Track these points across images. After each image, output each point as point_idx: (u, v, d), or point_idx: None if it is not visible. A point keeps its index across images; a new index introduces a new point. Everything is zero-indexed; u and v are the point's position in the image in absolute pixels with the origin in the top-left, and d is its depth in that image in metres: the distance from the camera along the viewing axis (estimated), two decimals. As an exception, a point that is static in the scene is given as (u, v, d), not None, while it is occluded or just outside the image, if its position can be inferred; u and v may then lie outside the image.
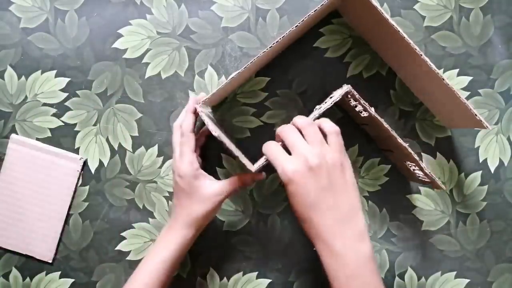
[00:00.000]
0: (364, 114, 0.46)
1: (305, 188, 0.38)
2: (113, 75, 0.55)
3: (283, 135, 0.42)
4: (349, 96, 0.45)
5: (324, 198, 0.39)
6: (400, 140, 0.46)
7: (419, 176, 0.50)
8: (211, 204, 0.47)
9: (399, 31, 0.44)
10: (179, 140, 0.48)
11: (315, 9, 0.44)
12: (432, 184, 0.49)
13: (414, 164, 0.49)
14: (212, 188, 0.47)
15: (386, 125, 0.46)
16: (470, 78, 0.56)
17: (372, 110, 0.46)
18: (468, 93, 0.56)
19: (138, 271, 0.47)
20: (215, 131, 0.43)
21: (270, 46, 0.44)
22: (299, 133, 0.42)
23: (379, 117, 0.46)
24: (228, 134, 0.53)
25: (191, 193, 0.47)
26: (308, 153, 0.39)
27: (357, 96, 0.45)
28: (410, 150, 0.46)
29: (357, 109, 0.46)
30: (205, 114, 0.47)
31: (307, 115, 0.45)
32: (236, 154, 0.45)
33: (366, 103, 0.45)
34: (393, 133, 0.46)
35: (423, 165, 0.46)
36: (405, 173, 0.55)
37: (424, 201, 0.56)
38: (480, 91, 0.56)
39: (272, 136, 0.55)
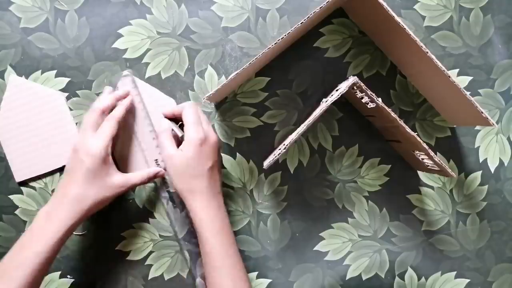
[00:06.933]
0: (371, 105, 0.45)
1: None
2: (113, 75, 0.55)
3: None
4: (355, 87, 0.45)
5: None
6: (408, 129, 0.45)
7: (428, 165, 0.50)
8: (111, 192, 0.46)
9: (405, 28, 0.44)
10: (94, 120, 0.47)
11: (321, 5, 0.44)
12: (441, 173, 0.49)
13: (423, 153, 0.48)
14: (117, 178, 0.47)
15: (393, 115, 0.45)
16: (470, 78, 0.56)
17: (379, 100, 0.45)
18: (468, 93, 0.56)
19: (11, 264, 0.42)
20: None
21: (279, 39, 0.44)
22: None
23: (386, 107, 0.45)
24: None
25: (94, 176, 0.45)
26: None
27: (364, 87, 0.44)
28: (419, 139, 0.45)
29: (363, 100, 0.45)
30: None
31: (307, 114, 0.45)
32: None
33: (373, 94, 0.44)
34: (401, 122, 0.45)
35: (432, 153, 0.46)
36: (413, 163, 0.54)
37: (424, 201, 0.56)
38: (480, 91, 0.56)
39: (272, 136, 0.55)
